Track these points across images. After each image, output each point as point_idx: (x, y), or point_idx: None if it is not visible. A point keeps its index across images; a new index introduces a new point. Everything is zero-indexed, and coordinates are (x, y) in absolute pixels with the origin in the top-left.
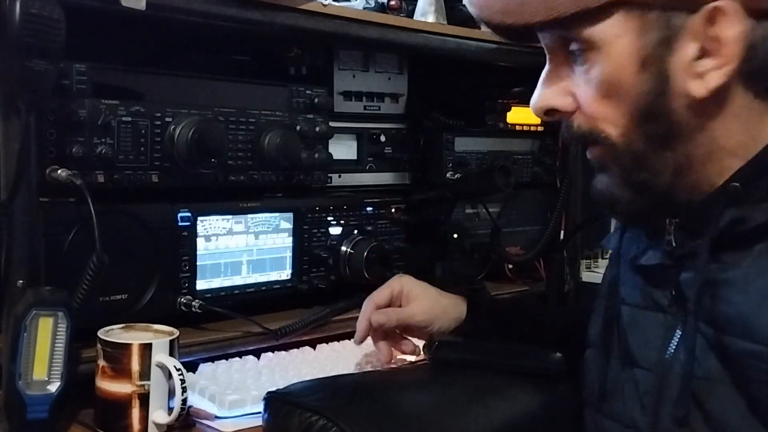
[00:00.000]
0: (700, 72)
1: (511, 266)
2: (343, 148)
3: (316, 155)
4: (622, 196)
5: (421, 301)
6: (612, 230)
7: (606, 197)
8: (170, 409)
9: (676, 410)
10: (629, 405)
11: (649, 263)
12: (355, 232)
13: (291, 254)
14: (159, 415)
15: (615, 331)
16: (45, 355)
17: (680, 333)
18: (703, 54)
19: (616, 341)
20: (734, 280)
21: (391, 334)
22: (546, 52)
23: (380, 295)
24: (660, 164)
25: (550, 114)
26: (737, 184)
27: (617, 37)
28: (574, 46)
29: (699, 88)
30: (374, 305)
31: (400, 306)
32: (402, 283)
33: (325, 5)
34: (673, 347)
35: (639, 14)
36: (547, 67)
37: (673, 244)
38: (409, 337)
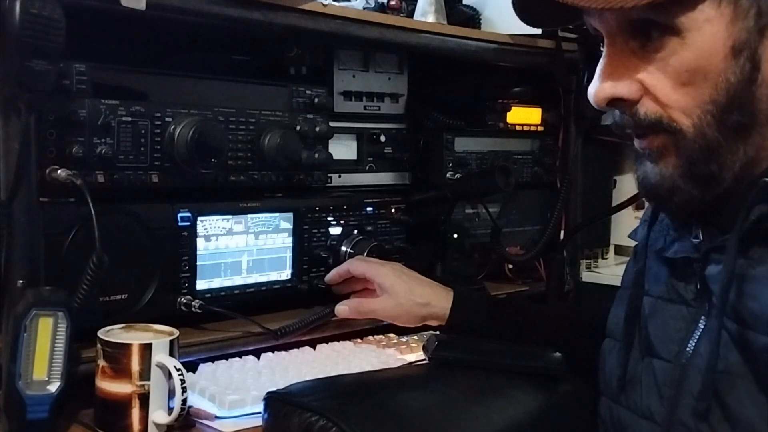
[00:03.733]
0: None
1: (511, 266)
2: (343, 148)
3: (316, 155)
4: (683, 187)
5: (387, 298)
6: (639, 223)
7: (664, 188)
8: (170, 409)
9: (698, 404)
10: (646, 395)
11: (675, 256)
12: (355, 232)
13: (291, 254)
14: (159, 415)
15: (637, 322)
16: (45, 355)
17: (702, 326)
18: None
19: (636, 332)
20: (761, 276)
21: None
22: (605, 40)
23: (360, 264)
24: (731, 156)
25: (613, 104)
26: (767, 179)
27: (705, 22)
28: (652, 33)
29: None
30: (347, 269)
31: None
32: (379, 274)
33: (325, 5)
34: (695, 340)
35: (732, 0)
36: (606, 56)
37: (701, 238)
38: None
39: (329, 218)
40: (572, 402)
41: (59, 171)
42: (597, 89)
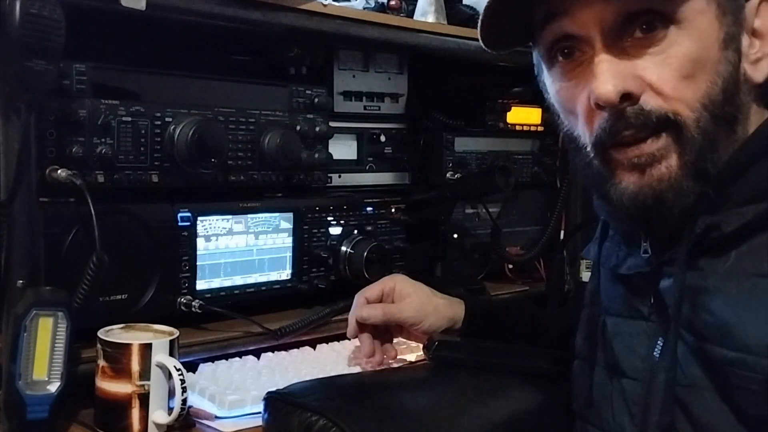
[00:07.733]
0: (755, 58)
1: (511, 266)
2: (343, 148)
3: (316, 155)
4: (691, 187)
5: (412, 298)
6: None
7: (668, 193)
8: (170, 409)
9: (661, 417)
10: (618, 415)
11: (628, 272)
12: (355, 232)
13: (291, 254)
14: (159, 415)
15: (599, 342)
16: (45, 355)
17: (663, 341)
18: (750, 42)
19: (601, 351)
20: (712, 288)
21: (380, 331)
22: (598, 37)
23: (371, 290)
24: (723, 151)
25: (625, 99)
26: (710, 191)
27: (699, 13)
28: (653, 24)
29: (756, 74)
30: (364, 300)
31: (392, 303)
32: (395, 281)
33: (325, 5)
34: (657, 355)
35: None
36: (604, 53)
37: (649, 252)
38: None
39: (329, 218)
40: (572, 402)
41: (59, 171)
42: (608, 83)
